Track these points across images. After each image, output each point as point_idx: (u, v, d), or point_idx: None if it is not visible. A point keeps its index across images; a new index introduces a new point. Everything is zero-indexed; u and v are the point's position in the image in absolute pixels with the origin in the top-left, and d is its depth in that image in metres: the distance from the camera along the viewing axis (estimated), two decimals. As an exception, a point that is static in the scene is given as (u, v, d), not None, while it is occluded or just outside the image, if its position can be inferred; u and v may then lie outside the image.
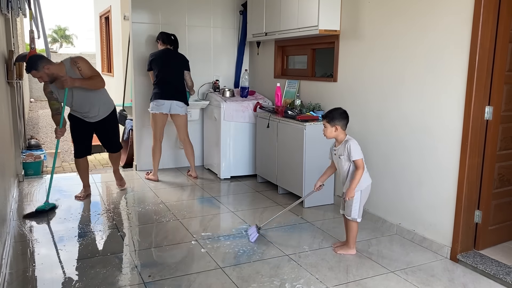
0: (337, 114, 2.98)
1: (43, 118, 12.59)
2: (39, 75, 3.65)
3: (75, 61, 3.80)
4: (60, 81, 3.72)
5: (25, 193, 4.48)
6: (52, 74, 3.68)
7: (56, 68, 3.71)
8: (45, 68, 3.63)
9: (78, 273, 2.76)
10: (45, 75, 3.66)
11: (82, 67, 3.79)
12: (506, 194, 3.14)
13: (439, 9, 3.01)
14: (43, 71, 3.63)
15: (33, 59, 3.63)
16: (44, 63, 3.63)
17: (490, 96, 2.90)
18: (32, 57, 3.68)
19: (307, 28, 4.07)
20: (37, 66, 3.61)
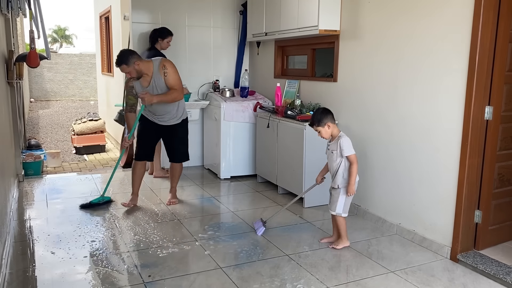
0: (320, 115, 3.08)
1: (43, 118, 12.59)
2: (128, 70, 3.60)
3: (164, 64, 3.69)
4: (145, 79, 3.69)
5: (25, 193, 4.48)
6: (141, 71, 3.65)
7: (146, 66, 3.66)
8: (136, 64, 3.59)
9: (78, 273, 2.77)
10: (134, 71, 3.62)
11: (168, 74, 3.68)
12: (506, 194, 3.14)
13: (439, 9, 3.01)
14: (132, 66, 3.59)
15: (124, 54, 3.60)
16: (135, 59, 3.59)
17: (490, 96, 2.90)
18: (124, 51, 3.65)
19: (307, 28, 4.07)
20: (128, 60, 3.57)
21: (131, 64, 3.58)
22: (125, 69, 3.60)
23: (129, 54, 3.60)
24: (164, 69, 3.67)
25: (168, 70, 3.68)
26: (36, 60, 4.58)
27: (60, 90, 17.61)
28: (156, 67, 3.68)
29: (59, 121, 12.03)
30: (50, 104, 15.86)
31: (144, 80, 3.70)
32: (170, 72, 3.69)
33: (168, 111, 3.87)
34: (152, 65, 3.68)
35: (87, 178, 5.09)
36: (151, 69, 3.68)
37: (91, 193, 4.43)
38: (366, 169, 3.75)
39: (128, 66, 3.58)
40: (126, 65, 3.57)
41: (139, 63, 3.62)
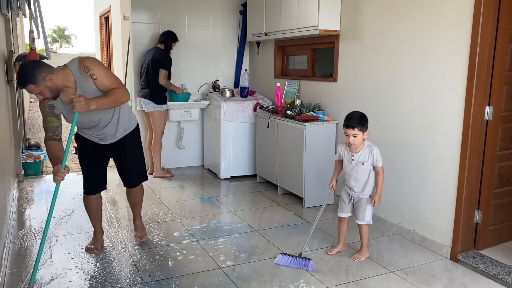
0: (364, 118, 2.80)
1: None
2: (38, 90, 2.53)
3: (86, 65, 2.64)
4: (66, 93, 2.65)
5: (25, 193, 4.47)
6: (57, 88, 2.58)
7: (62, 77, 2.59)
8: (47, 79, 2.52)
9: (78, 273, 2.76)
10: (47, 90, 2.55)
11: (98, 75, 2.66)
12: (506, 194, 3.14)
13: (439, 9, 3.01)
14: (43, 84, 2.52)
15: (28, 69, 2.49)
16: (44, 73, 2.51)
17: (490, 96, 2.90)
18: (26, 65, 2.53)
19: (307, 28, 4.07)
20: (35, 78, 2.49)
21: (40, 81, 2.50)
22: (33, 89, 2.51)
23: (35, 68, 2.50)
24: (88, 70, 2.64)
25: (94, 70, 2.65)
26: (36, 60, 4.57)
27: (60, 90, 17.60)
28: (77, 72, 2.64)
29: (59, 121, 12.00)
30: (50, 104, 15.84)
31: (66, 94, 2.65)
32: (98, 71, 2.67)
33: (107, 123, 2.86)
34: (70, 73, 2.63)
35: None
36: (71, 77, 2.63)
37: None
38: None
39: (38, 85, 2.50)
40: (34, 84, 2.49)
41: (52, 77, 2.54)
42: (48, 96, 2.59)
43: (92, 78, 2.64)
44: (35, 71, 2.48)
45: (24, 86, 2.50)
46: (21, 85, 2.53)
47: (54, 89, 2.57)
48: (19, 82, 2.52)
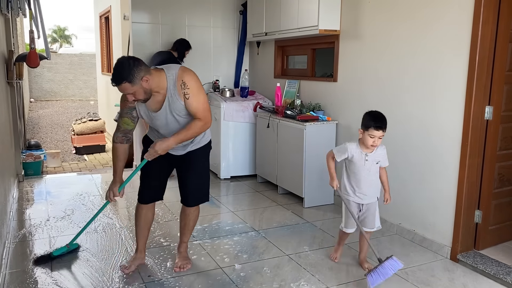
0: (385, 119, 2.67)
1: (43, 118, 12.59)
2: (133, 90, 2.31)
3: (184, 81, 2.42)
4: (154, 99, 2.45)
5: (25, 193, 4.48)
6: (151, 91, 2.38)
7: (157, 80, 2.39)
8: (144, 79, 2.31)
9: (78, 273, 2.76)
10: (142, 91, 2.34)
11: (191, 95, 2.43)
12: (506, 194, 3.14)
13: (439, 9, 3.01)
14: (140, 84, 2.31)
15: (126, 64, 2.28)
16: (143, 72, 2.31)
17: (490, 96, 2.90)
18: (124, 60, 2.31)
19: (307, 28, 4.07)
20: (133, 76, 2.27)
21: (137, 80, 2.29)
22: (128, 89, 2.30)
23: (134, 66, 2.29)
24: (185, 87, 2.42)
25: (190, 89, 2.43)
26: (36, 60, 4.58)
27: (60, 90, 17.61)
28: (172, 83, 2.42)
29: (59, 121, 12.03)
30: (50, 104, 15.86)
31: (154, 102, 2.47)
32: (193, 92, 2.44)
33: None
34: (165, 79, 2.42)
35: (87, 178, 5.09)
36: (164, 84, 2.42)
37: (91, 193, 4.43)
38: (366, 169, 3.75)
39: (134, 84, 2.29)
40: (130, 83, 2.28)
41: (149, 77, 2.34)
42: (140, 98, 2.36)
43: (184, 97, 2.43)
44: (133, 68, 2.27)
45: (118, 84, 2.27)
46: (115, 82, 2.28)
47: (148, 91, 2.36)
48: (114, 79, 2.27)
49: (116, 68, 2.28)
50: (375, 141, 2.63)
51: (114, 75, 2.27)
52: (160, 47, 5.21)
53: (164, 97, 2.45)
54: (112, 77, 2.28)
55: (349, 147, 2.72)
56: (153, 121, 2.55)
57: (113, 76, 2.28)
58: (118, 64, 2.29)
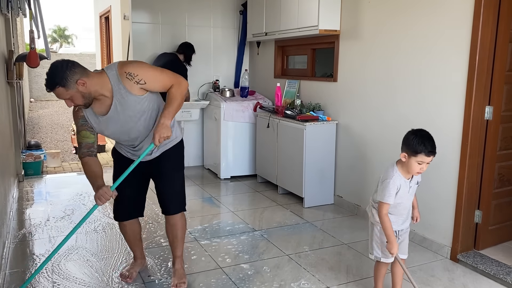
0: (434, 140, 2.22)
1: (43, 118, 12.59)
2: (68, 95, 2.13)
3: (129, 72, 2.21)
4: (101, 103, 2.25)
5: (25, 193, 4.48)
6: (90, 94, 2.17)
7: (97, 83, 2.18)
8: (80, 83, 2.12)
9: (78, 273, 2.76)
10: (79, 96, 2.14)
11: (145, 79, 2.23)
12: (506, 194, 3.14)
13: (439, 9, 3.01)
14: (75, 88, 2.12)
15: (58, 69, 2.12)
16: (77, 75, 2.12)
17: (490, 96, 2.90)
18: (56, 64, 2.14)
19: (307, 28, 4.07)
20: (66, 80, 2.09)
21: (71, 84, 2.10)
22: (63, 94, 2.12)
23: (67, 68, 2.10)
24: (133, 77, 2.21)
25: (140, 74, 2.22)
26: (36, 60, 4.58)
27: (60, 90, 17.58)
28: (116, 80, 2.21)
29: (59, 121, 12.02)
30: (50, 104, 15.85)
31: (100, 105, 2.25)
32: (145, 75, 2.24)
33: (147, 134, 2.40)
34: (107, 79, 2.20)
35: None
36: (108, 85, 2.20)
37: (91, 193, 4.42)
38: (367, 169, 3.75)
39: (68, 88, 2.10)
40: (63, 87, 2.10)
41: (85, 80, 2.13)
42: (79, 103, 2.18)
43: (139, 85, 2.22)
44: (66, 71, 2.09)
45: (52, 89, 2.10)
46: (49, 87, 2.11)
47: (87, 95, 2.16)
48: (47, 84, 2.11)
49: (48, 73, 2.10)
50: (423, 167, 2.20)
51: (47, 80, 2.10)
52: (160, 47, 5.21)
53: (112, 99, 2.23)
54: (46, 82, 2.11)
55: (395, 182, 2.25)
56: (105, 127, 2.30)
57: (46, 81, 2.10)
58: (51, 68, 2.12)
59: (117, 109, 2.25)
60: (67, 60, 2.16)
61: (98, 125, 2.31)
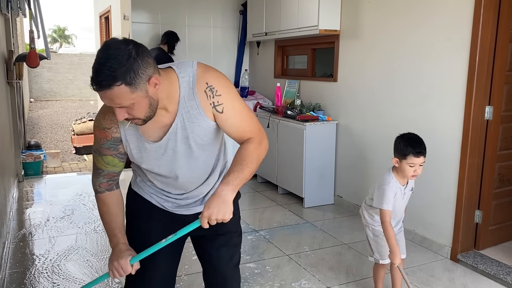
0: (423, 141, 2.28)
1: (43, 118, 12.59)
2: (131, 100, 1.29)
3: (210, 84, 1.43)
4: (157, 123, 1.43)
5: (25, 193, 4.47)
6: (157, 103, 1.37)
7: (165, 87, 1.39)
8: (153, 82, 1.32)
9: (77, 273, 2.76)
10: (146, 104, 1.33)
11: (225, 106, 1.45)
12: (506, 194, 3.14)
13: (440, 9, 3.01)
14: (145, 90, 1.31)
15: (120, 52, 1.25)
16: (151, 69, 1.32)
17: (490, 96, 2.90)
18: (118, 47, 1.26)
19: (307, 28, 4.07)
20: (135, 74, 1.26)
21: (141, 82, 1.29)
22: (123, 97, 1.27)
23: (137, 56, 1.27)
24: (213, 94, 1.43)
25: (223, 96, 1.45)
26: (36, 60, 4.58)
27: (60, 90, 17.60)
28: (188, 90, 1.43)
29: (59, 121, 12.02)
30: (50, 104, 15.85)
31: (154, 124, 1.44)
32: (230, 99, 1.47)
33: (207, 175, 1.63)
34: (176, 83, 1.42)
35: (87, 178, 5.09)
36: (176, 93, 1.42)
37: (91, 193, 4.42)
38: (367, 169, 3.75)
39: (135, 88, 1.28)
40: (129, 85, 1.26)
41: (159, 78, 1.34)
42: (139, 115, 1.33)
43: (215, 110, 1.43)
44: (137, 60, 1.26)
45: (107, 86, 1.23)
46: (101, 83, 1.24)
47: (155, 103, 1.35)
48: (99, 76, 1.24)
49: (103, 59, 1.24)
50: (417, 170, 2.20)
51: (99, 70, 1.23)
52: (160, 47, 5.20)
53: (174, 116, 1.41)
54: (96, 74, 1.24)
55: (391, 188, 2.22)
56: (151, 158, 1.48)
57: (97, 73, 1.23)
58: (108, 51, 1.24)
59: (176, 135, 1.43)
60: (133, 41, 1.28)
61: (140, 153, 1.47)
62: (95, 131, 1.48)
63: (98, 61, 1.24)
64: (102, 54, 1.24)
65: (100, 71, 1.23)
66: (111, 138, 1.46)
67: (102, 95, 1.26)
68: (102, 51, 1.25)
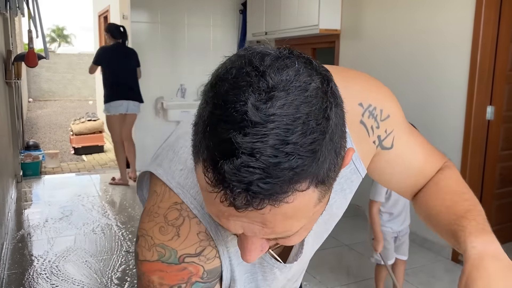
0: None
1: (41, 118, 12.56)
2: (303, 221, 0.51)
3: (366, 102, 0.78)
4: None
5: (23, 193, 4.45)
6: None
7: None
8: (348, 158, 0.53)
9: (76, 274, 2.74)
10: (319, 213, 0.54)
11: (397, 135, 0.84)
12: (508, 194, 3.13)
13: (441, 9, 2.99)
14: (331, 188, 0.52)
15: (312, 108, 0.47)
16: (345, 138, 0.52)
17: (492, 96, 2.88)
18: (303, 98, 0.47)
19: (307, 28, 4.05)
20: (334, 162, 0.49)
21: (335, 175, 0.51)
22: (301, 214, 0.49)
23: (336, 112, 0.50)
24: (375, 119, 0.79)
25: (391, 117, 0.86)
26: (34, 60, 4.56)
27: (58, 90, 17.58)
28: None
29: (57, 121, 12.00)
30: (49, 104, 15.83)
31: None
32: (398, 122, 0.88)
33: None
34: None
35: (86, 178, 5.07)
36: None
37: (90, 193, 4.40)
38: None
39: (328, 188, 0.51)
40: (322, 186, 0.49)
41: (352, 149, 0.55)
42: (294, 242, 0.56)
43: (380, 147, 0.81)
44: (337, 121, 0.50)
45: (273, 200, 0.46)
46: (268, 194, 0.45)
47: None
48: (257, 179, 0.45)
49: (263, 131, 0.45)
50: None
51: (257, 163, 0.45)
52: (160, 46, 5.18)
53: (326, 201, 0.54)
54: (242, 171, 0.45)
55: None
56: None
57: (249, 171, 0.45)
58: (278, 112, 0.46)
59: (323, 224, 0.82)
60: (315, 64, 0.57)
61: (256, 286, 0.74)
62: (153, 273, 0.63)
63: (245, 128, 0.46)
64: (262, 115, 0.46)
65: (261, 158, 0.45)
66: (202, 274, 0.64)
67: (234, 214, 0.49)
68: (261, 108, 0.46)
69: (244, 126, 0.45)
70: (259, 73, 0.47)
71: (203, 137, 0.48)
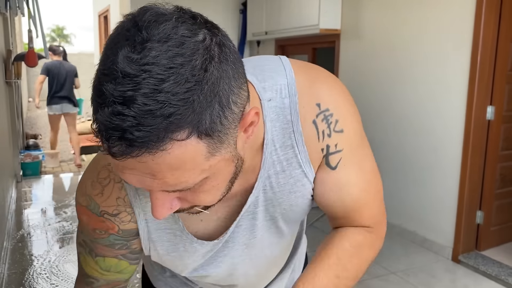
0: None
1: (41, 118, 12.56)
2: (204, 174, 0.53)
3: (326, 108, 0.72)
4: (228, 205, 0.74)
5: (23, 193, 4.45)
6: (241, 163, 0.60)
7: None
8: (251, 116, 0.56)
9: (76, 274, 2.74)
10: (229, 172, 0.58)
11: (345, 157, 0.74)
12: (508, 194, 3.13)
13: (441, 8, 2.99)
14: (233, 143, 0.55)
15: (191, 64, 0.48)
16: (244, 91, 0.56)
17: (492, 96, 2.88)
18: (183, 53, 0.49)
19: (307, 27, 4.05)
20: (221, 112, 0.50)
21: (230, 129, 0.53)
22: (191, 170, 0.51)
23: (222, 60, 0.51)
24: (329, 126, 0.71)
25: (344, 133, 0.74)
26: (34, 60, 4.56)
27: (58, 90, 17.56)
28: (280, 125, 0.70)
29: (57, 121, 11.99)
30: (49, 104, 15.84)
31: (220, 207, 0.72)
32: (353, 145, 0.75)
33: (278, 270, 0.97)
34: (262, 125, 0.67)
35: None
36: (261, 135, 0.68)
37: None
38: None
39: (221, 143, 0.52)
40: (208, 138, 0.50)
41: (258, 108, 0.58)
42: (207, 201, 0.60)
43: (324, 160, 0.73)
44: (225, 71, 0.52)
45: (152, 146, 0.47)
46: (138, 140, 0.47)
47: (239, 167, 0.60)
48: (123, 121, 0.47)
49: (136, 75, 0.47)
50: None
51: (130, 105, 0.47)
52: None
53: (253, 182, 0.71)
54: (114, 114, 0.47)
55: None
56: (198, 263, 0.81)
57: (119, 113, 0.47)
58: (154, 54, 0.47)
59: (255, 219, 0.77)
60: (202, 17, 0.55)
61: (179, 259, 0.79)
62: (82, 214, 0.74)
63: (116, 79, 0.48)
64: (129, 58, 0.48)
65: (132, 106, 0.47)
66: (117, 231, 0.73)
67: (126, 165, 0.51)
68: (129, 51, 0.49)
69: (116, 77, 0.47)
70: (136, 28, 0.50)
71: (92, 91, 0.52)
